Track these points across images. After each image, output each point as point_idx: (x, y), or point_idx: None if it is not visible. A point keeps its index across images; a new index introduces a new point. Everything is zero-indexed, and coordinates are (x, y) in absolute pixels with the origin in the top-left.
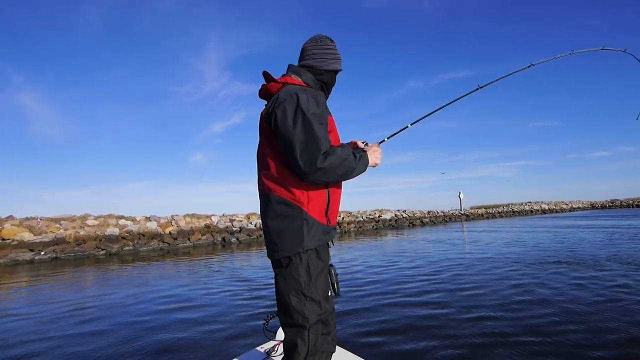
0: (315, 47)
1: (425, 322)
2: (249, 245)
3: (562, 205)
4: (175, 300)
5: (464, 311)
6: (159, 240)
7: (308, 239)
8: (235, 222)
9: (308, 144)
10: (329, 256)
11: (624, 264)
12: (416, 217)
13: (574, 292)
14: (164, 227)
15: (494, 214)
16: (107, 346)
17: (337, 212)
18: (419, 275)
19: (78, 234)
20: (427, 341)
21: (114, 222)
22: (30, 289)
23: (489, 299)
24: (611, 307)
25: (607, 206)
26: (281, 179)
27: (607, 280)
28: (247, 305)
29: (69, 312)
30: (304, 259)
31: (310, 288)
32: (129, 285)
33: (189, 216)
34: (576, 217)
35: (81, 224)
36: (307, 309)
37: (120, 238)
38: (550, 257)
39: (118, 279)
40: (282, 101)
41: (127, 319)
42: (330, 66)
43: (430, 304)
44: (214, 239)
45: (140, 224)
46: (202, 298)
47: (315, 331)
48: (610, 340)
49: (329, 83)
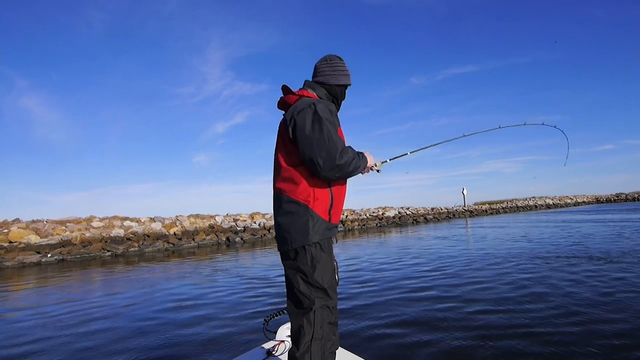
0: (325, 66)
1: (439, 314)
2: (253, 245)
3: (567, 200)
4: (181, 299)
5: (470, 305)
6: (164, 241)
7: (313, 233)
8: (239, 221)
9: (327, 144)
10: (332, 251)
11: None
12: (420, 214)
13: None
14: (168, 227)
15: (498, 210)
16: (112, 342)
17: (339, 212)
18: (432, 272)
19: (84, 236)
20: (438, 333)
21: (119, 223)
22: (40, 289)
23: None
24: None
25: (612, 200)
26: (290, 180)
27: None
28: (249, 304)
29: (77, 310)
30: (308, 251)
31: (314, 276)
32: (135, 285)
33: (193, 216)
34: (582, 211)
35: (86, 225)
36: (312, 294)
37: (126, 239)
38: (580, 256)
39: (125, 279)
40: (301, 109)
41: (134, 318)
42: (338, 81)
43: (450, 298)
44: (218, 239)
45: (145, 225)
46: (206, 297)
47: (321, 315)
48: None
49: (339, 96)
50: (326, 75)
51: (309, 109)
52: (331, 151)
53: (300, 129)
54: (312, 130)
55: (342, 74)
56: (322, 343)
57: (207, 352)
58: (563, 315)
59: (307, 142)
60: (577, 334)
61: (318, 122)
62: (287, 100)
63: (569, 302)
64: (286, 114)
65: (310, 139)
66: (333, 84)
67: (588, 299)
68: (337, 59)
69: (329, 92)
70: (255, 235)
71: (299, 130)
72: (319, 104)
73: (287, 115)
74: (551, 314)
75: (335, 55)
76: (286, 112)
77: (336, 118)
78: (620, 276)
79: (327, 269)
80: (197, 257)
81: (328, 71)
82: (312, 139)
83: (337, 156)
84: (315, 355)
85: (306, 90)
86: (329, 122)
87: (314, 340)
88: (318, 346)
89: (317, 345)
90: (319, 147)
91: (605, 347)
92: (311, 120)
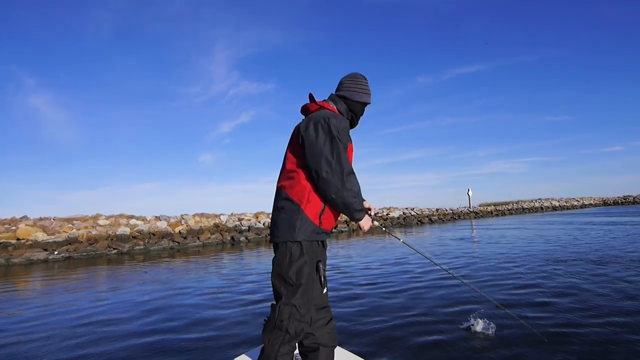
0: (350, 82)
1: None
2: (257, 244)
3: (573, 202)
4: (182, 298)
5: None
6: (169, 239)
7: (299, 232)
8: (244, 221)
9: (334, 160)
10: (318, 254)
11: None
12: (424, 215)
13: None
14: (173, 226)
15: (504, 212)
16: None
17: (332, 220)
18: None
19: (90, 234)
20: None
21: (125, 221)
22: (49, 288)
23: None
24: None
25: (619, 202)
26: (291, 179)
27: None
28: (251, 303)
29: (82, 309)
30: (289, 247)
31: (289, 272)
32: (142, 282)
33: (198, 215)
34: (589, 213)
35: (93, 223)
36: (282, 289)
37: (131, 237)
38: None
39: (130, 276)
40: (316, 121)
41: (139, 315)
42: (360, 99)
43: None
44: (223, 238)
45: (150, 224)
46: (210, 296)
47: (288, 311)
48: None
49: (358, 113)
50: (349, 90)
51: (323, 123)
52: (337, 169)
53: (311, 139)
54: (322, 144)
55: (364, 92)
56: (280, 334)
57: (206, 352)
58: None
59: (315, 153)
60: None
61: (329, 137)
62: (309, 108)
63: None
64: (303, 120)
65: (318, 152)
66: (355, 100)
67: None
68: (361, 77)
69: (350, 107)
70: (259, 234)
71: (309, 141)
72: (333, 119)
73: (303, 122)
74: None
75: (360, 74)
76: (305, 118)
77: (348, 135)
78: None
79: (303, 270)
80: (203, 256)
81: (352, 87)
82: (320, 151)
83: (343, 177)
84: (269, 346)
85: (328, 103)
86: (340, 140)
87: (275, 330)
88: (276, 336)
89: (269, 336)
90: (326, 162)
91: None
92: (323, 134)
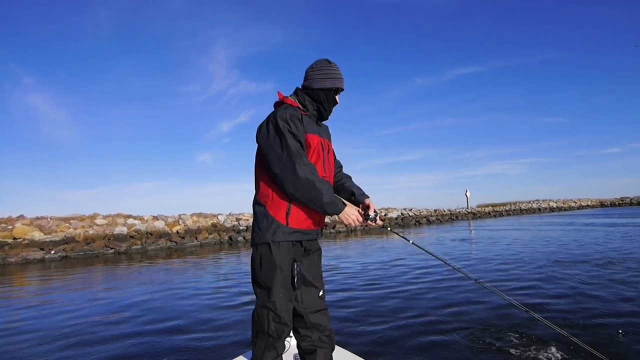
0: (311, 71)
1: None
2: None
3: (571, 203)
4: (180, 298)
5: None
6: (167, 239)
7: (268, 233)
8: (242, 221)
9: (284, 154)
10: (292, 254)
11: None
12: (422, 216)
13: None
14: (171, 226)
15: (501, 212)
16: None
17: (303, 219)
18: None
19: (87, 233)
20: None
21: (122, 221)
22: (45, 287)
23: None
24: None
25: (617, 204)
26: (257, 182)
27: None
28: (248, 303)
29: (78, 308)
30: (259, 250)
31: (261, 275)
32: (139, 282)
33: (196, 215)
34: (588, 215)
35: (90, 223)
36: (257, 293)
37: (129, 237)
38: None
39: (127, 276)
40: (267, 120)
41: (135, 315)
42: (322, 85)
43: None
44: (220, 237)
45: (148, 223)
46: (207, 296)
47: (265, 314)
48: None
49: (323, 101)
50: (309, 79)
51: (273, 119)
52: (287, 163)
53: (263, 138)
54: (273, 140)
55: (326, 77)
56: (264, 340)
57: (206, 352)
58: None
59: (267, 152)
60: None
61: (277, 132)
62: (274, 106)
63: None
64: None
65: (269, 149)
66: (315, 88)
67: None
68: (323, 63)
69: (312, 97)
70: None
71: (262, 140)
72: (281, 112)
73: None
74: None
75: (323, 59)
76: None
77: (299, 123)
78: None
79: (273, 272)
80: (200, 256)
81: (312, 75)
82: (270, 149)
83: (296, 170)
84: (257, 350)
85: (288, 97)
86: (289, 131)
87: (260, 335)
88: (262, 340)
89: (255, 340)
90: (277, 158)
91: None
92: (272, 130)
